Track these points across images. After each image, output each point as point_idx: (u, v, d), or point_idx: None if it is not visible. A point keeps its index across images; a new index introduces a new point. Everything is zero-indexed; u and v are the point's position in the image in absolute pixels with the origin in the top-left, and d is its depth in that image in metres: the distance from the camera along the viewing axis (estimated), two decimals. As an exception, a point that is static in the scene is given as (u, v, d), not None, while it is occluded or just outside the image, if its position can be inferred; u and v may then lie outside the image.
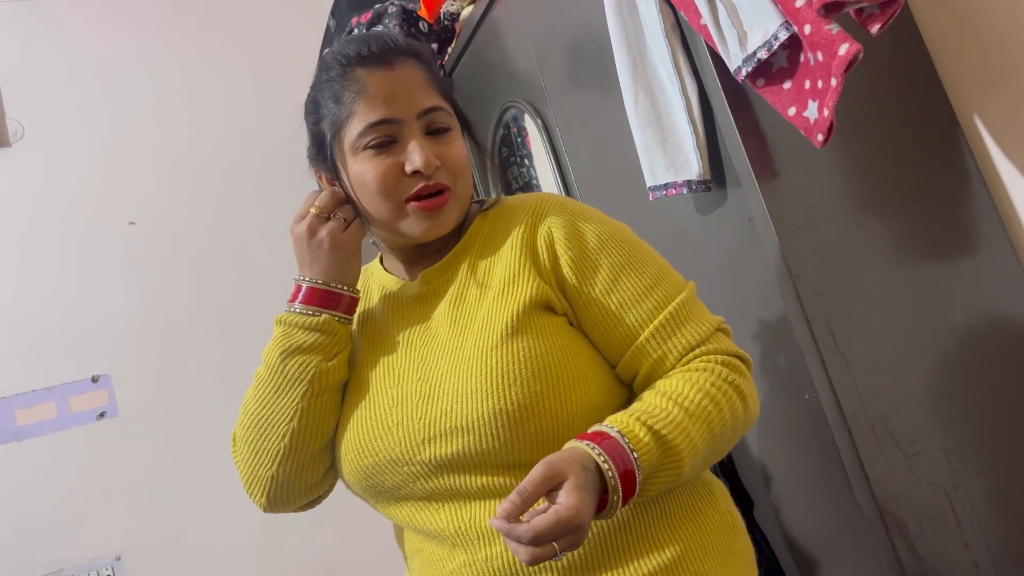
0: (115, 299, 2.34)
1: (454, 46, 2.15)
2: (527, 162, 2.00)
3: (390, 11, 2.06)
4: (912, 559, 1.13)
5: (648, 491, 0.87)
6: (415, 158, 0.97)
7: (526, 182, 2.03)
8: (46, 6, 2.48)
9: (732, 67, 1.19)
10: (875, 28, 1.05)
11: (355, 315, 1.08)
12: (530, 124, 1.89)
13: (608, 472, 0.81)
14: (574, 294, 0.98)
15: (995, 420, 1.23)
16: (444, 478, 0.95)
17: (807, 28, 1.05)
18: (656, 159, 1.35)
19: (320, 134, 1.04)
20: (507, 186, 2.13)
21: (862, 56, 1.00)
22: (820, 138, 1.11)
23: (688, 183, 1.31)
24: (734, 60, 1.18)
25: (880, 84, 1.30)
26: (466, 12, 2.09)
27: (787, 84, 1.15)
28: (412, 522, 1.00)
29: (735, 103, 1.25)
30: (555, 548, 0.77)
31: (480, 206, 1.10)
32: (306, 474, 1.03)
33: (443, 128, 1.02)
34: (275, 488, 1.03)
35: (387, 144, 0.99)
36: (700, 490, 0.99)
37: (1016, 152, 1.27)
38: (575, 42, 1.62)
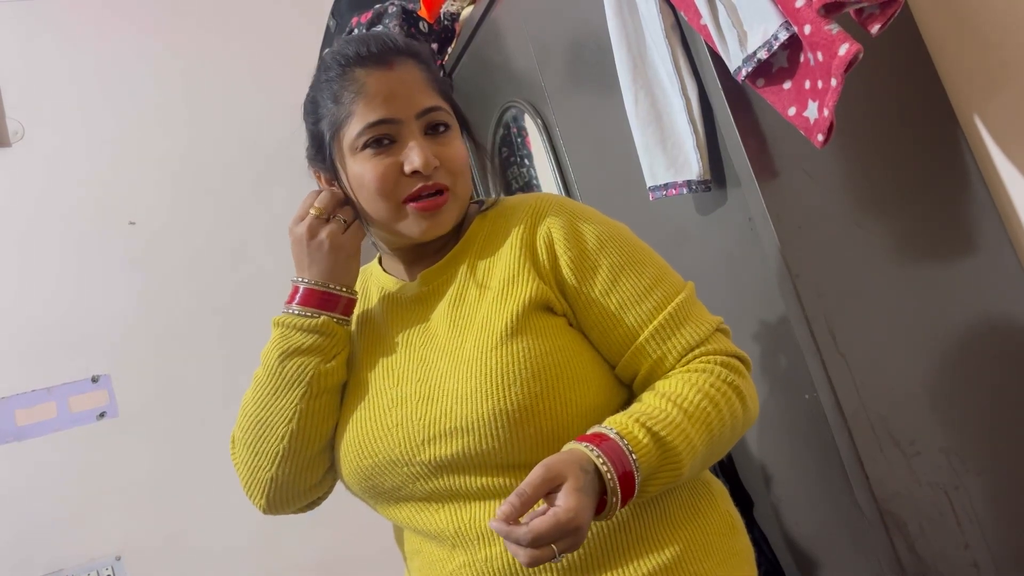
0: (115, 299, 2.34)
1: (454, 46, 2.15)
2: (527, 162, 2.00)
3: (390, 11, 2.06)
4: (912, 559, 1.13)
5: (647, 492, 0.87)
6: (414, 158, 0.97)
7: (526, 182, 2.03)
8: (46, 6, 2.48)
9: (732, 67, 1.19)
10: (875, 28, 1.05)
11: (354, 316, 1.08)
12: (530, 124, 1.88)
13: (607, 474, 0.81)
14: (573, 294, 0.98)
15: (995, 420, 1.23)
16: (444, 479, 0.95)
17: (807, 28, 1.05)
18: (656, 159, 1.35)
19: (319, 134, 1.03)
20: (507, 186, 2.13)
21: (862, 56, 1.00)
22: (820, 138, 1.11)
23: (688, 183, 1.31)
24: (734, 60, 1.18)
25: (880, 84, 1.30)
26: (466, 12, 2.09)
27: (787, 84, 1.15)
28: (412, 523, 1.00)
29: (735, 103, 1.25)
30: (554, 550, 0.77)
31: (479, 206, 1.10)
32: (305, 475, 1.03)
33: (442, 128, 1.01)
34: (274, 490, 1.03)
35: (386, 144, 0.98)
36: (700, 490, 0.99)
37: (1016, 152, 1.27)
38: (575, 42, 1.62)
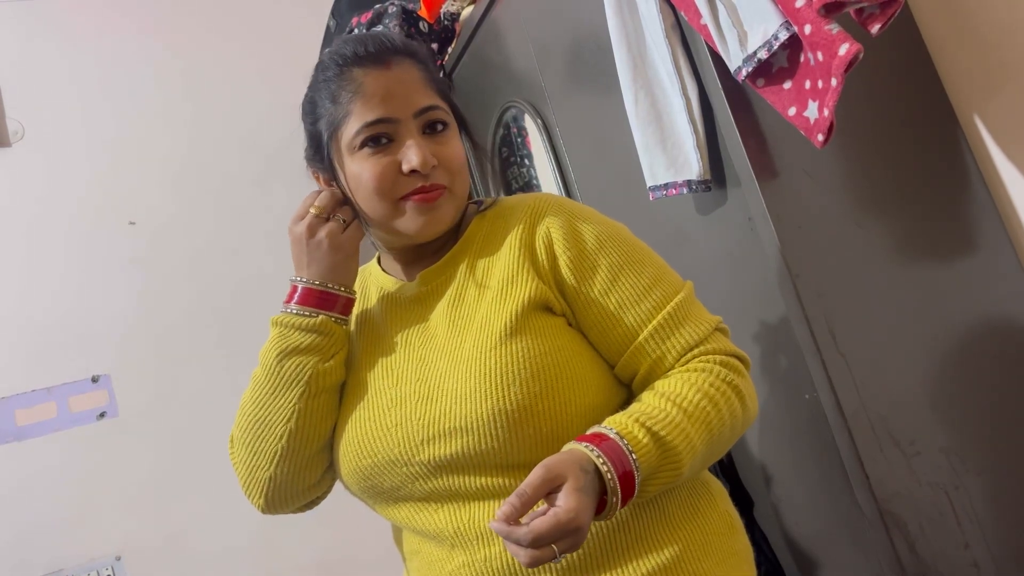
0: (115, 299, 2.34)
1: (454, 46, 2.15)
2: (527, 162, 1.99)
3: (390, 11, 2.06)
4: (912, 559, 1.13)
5: (647, 492, 0.87)
6: (412, 157, 0.97)
7: (526, 182, 2.03)
8: (46, 6, 2.48)
9: (732, 67, 1.19)
10: (875, 28, 1.05)
11: (353, 316, 1.08)
12: (530, 124, 1.88)
13: (607, 474, 0.81)
14: (573, 294, 0.98)
15: (995, 420, 1.23)
16: (443, 479, 0.95)
17: (807, 28, 1.05)
18: (656, 159, 1.35)
19: (317, 134, 1.03)
20: (507, 186, 2.13)
21: (862, 56, 1.00)
22: (820, 138, 1.11)
23: (688, 183, 1.31)
24: (734, 60, 1.18)
25: (880, 84, 1.30)
26: (466, 12, 2.09)
27: (787, 84, 1.15)
28: (411, 523, 1.00)
29: (735, 103, 1.25)
30: (554, 550, 0.77)
31: (478, 207, 1.10)
32: (304, 475, 1.03)
33: (440, 127, 1.01)
34: (273, 489, 1.03)
35: (384, 143, 0.98)
36: (699, 490, 0.99)
37: (1016, 152, 1.27)
38: (575, 42, 1.62)
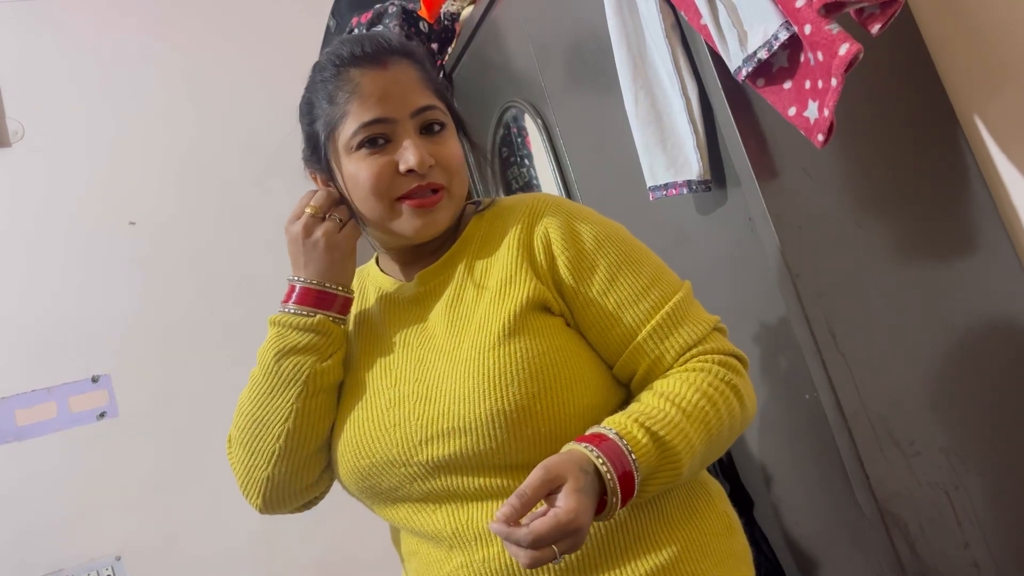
0: (115, 299, 2.34)
1: (454, 46, 2.15)
2: (527, 162, 1.99)
3: (390, 11, 2.06)
4: (912, 559, 1.13)
5: (646, 492, 0.87)
6: (409, 157, 0.97)
7: (526, 182, 2.03)
8: (46, 6, 2.48)
9: (732, 67, 1.19)
10: (875, 28, 1.05)
11: (351, 316, 1.08)
12: (530, 124, 1.88)
13: (607, 474, 0.81)
14: (571, 294, 0.98)
15: (995, 420, 1.23)
16: (441, 479, 0.95)
17: (807, 28, 1.05)
18: (656, 159, 1.35)
19: (314, 135, 1.03)
20: (507, 186, 2.13)
21: (862, 56, 1.00)
22: (820, 138, 1.11)
23: (688, 183, 1.31)
24: (734, 60, 1.18)
25: (880, 84, 1.30)
26: (466, 12, 2.09)
27: (787, 84, 1.15)
28: (409, 523, 1.00)
29: (735, 103, 1.25)
30: (554, 551, 0.77)
31: (476, 207, 1.10)
32: (302, 475, 1.03)
33: (437, 127, 1.01)
34: (271, 489, 1.03)
35: (381, 144, 0.98)
36: (697, 491, 0.99)
37: (1016, 152, 1.27)
38: (575, 42, 1.62)
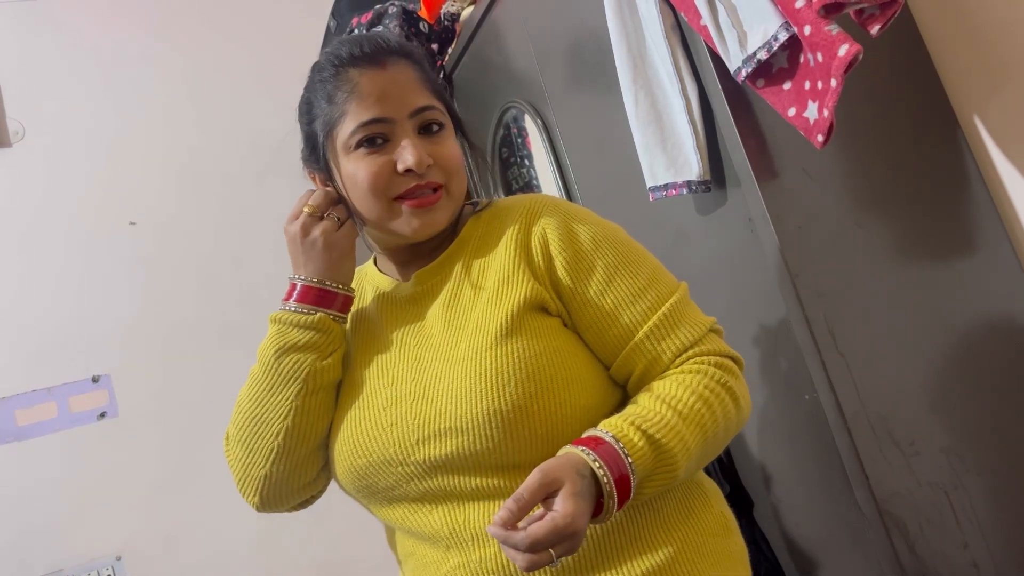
0: (116, 299, 2.34)
1: (454, 47, 2.15)
2: (527, 162, 2.00)
3: (390, 11, 2.06)
4: (912, 559, 1.13)
5: (643, 495, 0.87)
6: (407, 156, 0.97)
7: (526, 182, 2.03)
8: (46, 6, 2.48)
9: (732, 68, 1.19)
10: (875, 29, 1.05)
11: (349, 316, 1.08)
12: (530, 124, 1.88)
13: (603, 478, 0.82)
14: (568, 295, 0.98)
15: (995, 420, 1.23)
16: (438, 479, 0.95)
17: (807, 29, 1.05)
18: (656, 159, 1.35)
19: (313, 134, 1.04)
20: (507, 186, 2.13)
21: (862, 57, 1.00)
22: (820, 139, 1.11)
23: (688, 183, 1.31)
24: (734, 61, 1.18)
25: (880, 84, 1.30)
26: (466, 12, 2.09)
27: (787, 85, 1.15)
28: (406, 524, 0.99)
29: (735, 103, 1.25)
30: (552, 555, 0.77)
31: (474, 207, 1.10)
32: (300, 473, 1.03)
33: (436, 128, 1.01)
34: (268, 487, 1.03)
35: (379, 143, 0.99)
36: (693, 491, 0.99)
37: (1016, 152, 1.27)
38: (575, 42, 1.62)
